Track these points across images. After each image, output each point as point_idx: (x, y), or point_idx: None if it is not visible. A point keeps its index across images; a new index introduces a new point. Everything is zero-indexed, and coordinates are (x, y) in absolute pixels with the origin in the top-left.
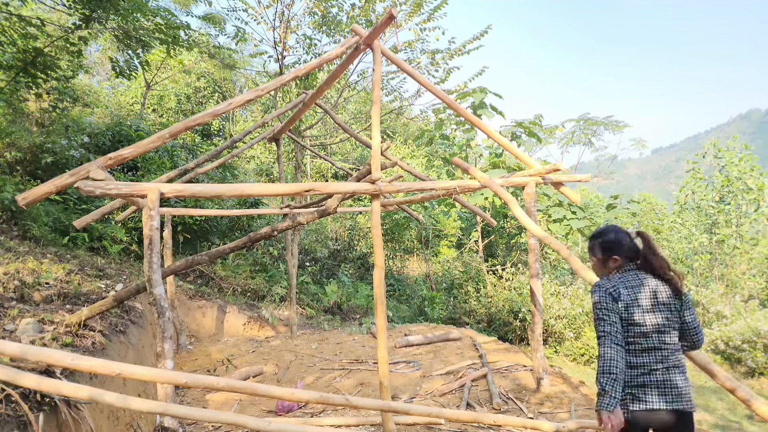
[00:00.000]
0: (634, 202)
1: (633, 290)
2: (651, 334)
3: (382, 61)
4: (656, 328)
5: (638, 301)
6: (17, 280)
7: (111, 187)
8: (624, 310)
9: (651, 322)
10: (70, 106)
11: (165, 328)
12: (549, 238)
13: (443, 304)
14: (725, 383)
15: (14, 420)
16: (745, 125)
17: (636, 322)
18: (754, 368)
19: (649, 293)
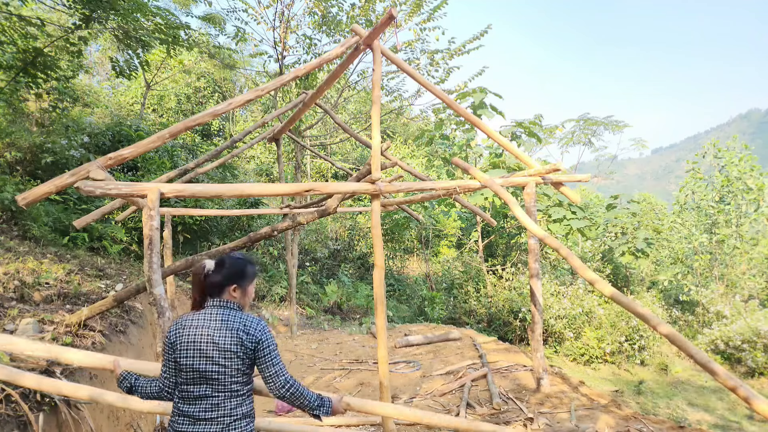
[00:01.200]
0: (634, 202)
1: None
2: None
3: (382, 61)
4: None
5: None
6: (17, 280)
7: (111, 187)
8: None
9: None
10: (70, 106)
11: (165, 328)
12: (549, 238)
13: (443, 304)
14: (726, 382)
15: (14, 420)
16: (745, 125)
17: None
18: (754, 368)
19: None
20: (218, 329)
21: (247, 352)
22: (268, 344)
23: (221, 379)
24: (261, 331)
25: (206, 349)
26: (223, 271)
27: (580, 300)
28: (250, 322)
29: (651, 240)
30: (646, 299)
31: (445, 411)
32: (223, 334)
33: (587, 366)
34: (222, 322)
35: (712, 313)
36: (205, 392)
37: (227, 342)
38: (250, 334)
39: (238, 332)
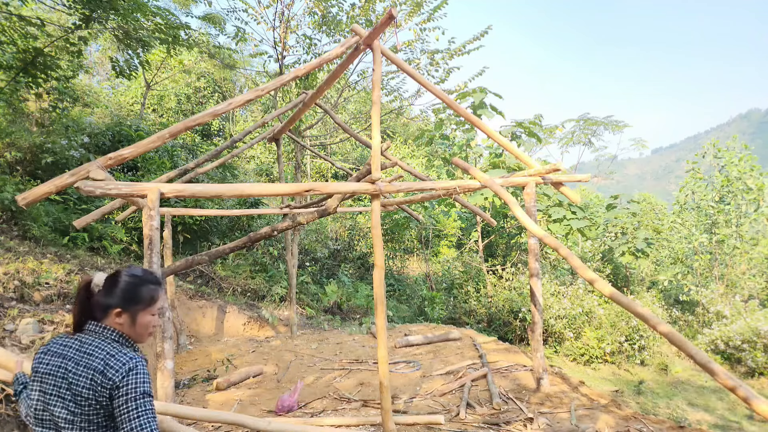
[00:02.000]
0: (634, 202)
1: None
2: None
3: (382, 61)
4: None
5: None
6: (17, 280)
7: (111, 187)
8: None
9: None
10: (70, 106)
11: (165, 328)
12: (549, 238)
13: (443, 304)
14: (726, 382)
15: (14, 420)
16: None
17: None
18: (754, 368)
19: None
20: (76, 364)
21: (101, 398)
22: (128, 391)
23: (68, 428)
24: (122, 374)
25: (58, 387)
26: (113, 288)
27: (580, 300)
28: (117, 360)
29: (651, 240)
30: (646, 299)
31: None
32: (78, 371)
33: (587, 366)
34: (83, 354)
35: (712, 313)
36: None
37: (80, 382)
38: (107, 376)
39: (94, 371)
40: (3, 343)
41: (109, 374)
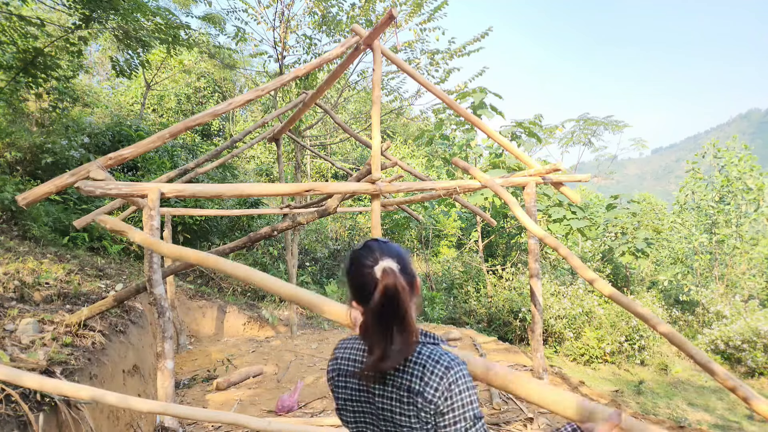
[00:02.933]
0: (634, 202)
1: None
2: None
3: (382, 61)
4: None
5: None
6: (17, 280)
7: (111, 187)
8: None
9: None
10: (70, 106)
11: (165, 328)
12: (548, 238)
13: (443, 304)
14: (726, 382)
15: (14, 420)
16: (745, 125)
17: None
18: (754, 368)
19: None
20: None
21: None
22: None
23: None
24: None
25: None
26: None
27: (580, 300)
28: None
29: (651, 240)
30: (646, 299)
31: None
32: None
33: (587, 366)
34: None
35: (712, 313)
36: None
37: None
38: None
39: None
40: (3, 344)
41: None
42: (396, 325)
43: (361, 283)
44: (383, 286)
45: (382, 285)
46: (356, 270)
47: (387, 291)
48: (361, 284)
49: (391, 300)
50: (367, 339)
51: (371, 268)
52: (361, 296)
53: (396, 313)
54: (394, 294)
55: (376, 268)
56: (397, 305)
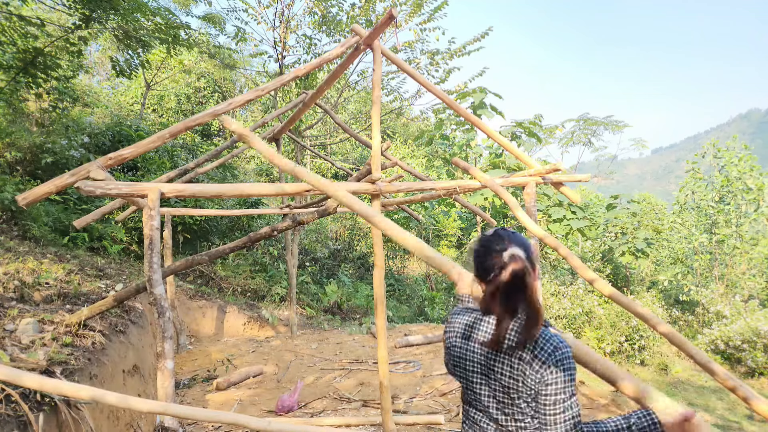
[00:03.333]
0: (634, 202)
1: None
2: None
3: (382, 61)
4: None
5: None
6: (17, 280)
7: (111, 187)
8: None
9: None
10: (70, 106)
11: (165, 328)
12: (548, 238)
13: (443, 304)
14: (726, 382)
15: (14, 420)
16: (745, 125)
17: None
18: (754, 368)
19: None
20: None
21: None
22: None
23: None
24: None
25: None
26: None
27: (580, 300)
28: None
29: (651, 240)
30: (646, 299)
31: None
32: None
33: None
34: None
35: (712, 313)
36: None
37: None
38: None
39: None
40: (3, 344)
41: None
42: (522, 303)
43: (489, 265)
44: (511, 270)
45: (511, 268)
46: (485, 253)
47: (515, 274)
48: (488, 266)
49: (517, 282)
50: (487, 313)
51: (500, 253)
52: (485, 276)
53: (523, 293)
54: (521, 277)
55: (505, 254)
56: (524, 286)
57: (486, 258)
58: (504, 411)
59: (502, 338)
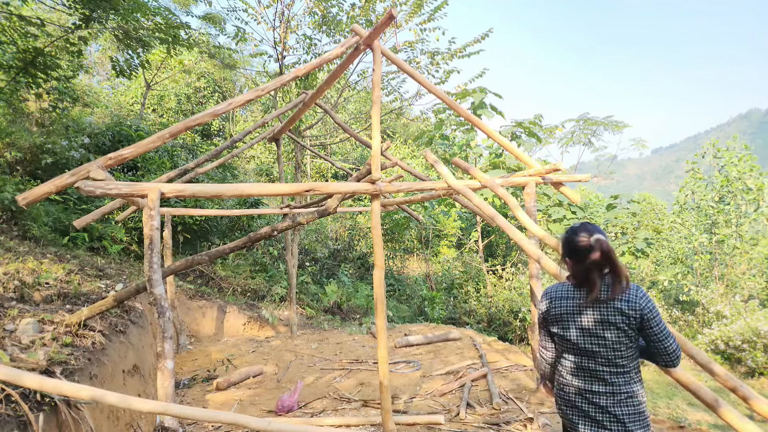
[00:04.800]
0: (634, 202)
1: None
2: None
3: (382, 62)
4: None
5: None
6: (17, 280)
7: (111, 187)
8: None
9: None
10: (70, 106)
11: (165, 328)
12: (549, 238)
13: (443, 304)
14: (726, 382)
15: (14, 420)
16: (745, 125)
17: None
18: (754, 368)
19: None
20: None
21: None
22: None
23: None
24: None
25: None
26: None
27: None
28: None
29: (651, 240)
30: None
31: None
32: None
33: None
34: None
35: (712, 313)
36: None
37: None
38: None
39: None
40: (3, 344)
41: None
42: (611, 272)
43: (580, 247)
44: (600, 247)
45: (600, 247)
46: (577, 238)
47: (603, 251)
48: (579, 248)
49: (606, 256)
50: (582, 284)
51: (588, 238)
52: (576, 256)
53: (612, 263)
54: (608, 252)
55: (593, 239)
56: (612, 258)
57: (577, 242)
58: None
59: (596, 299)
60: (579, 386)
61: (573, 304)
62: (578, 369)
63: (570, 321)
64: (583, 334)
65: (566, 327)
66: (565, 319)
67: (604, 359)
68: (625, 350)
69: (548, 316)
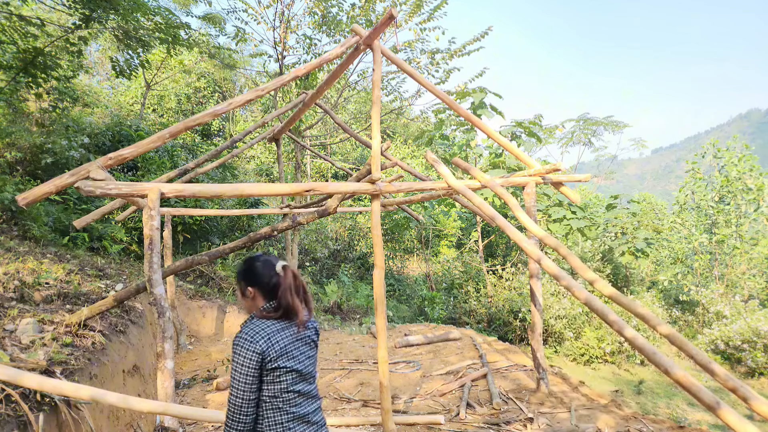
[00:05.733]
0: (634, 202)
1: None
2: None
3: (382, 61)
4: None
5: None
6: (17, 280)
7: (111, 187)
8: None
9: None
10: (70, 106)
11: (165, 328)
12: (548, 238)
13: (443, 304)
14: (726, 382)
15: (14, 420)
16: (745, 125)
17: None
18: (754, 368)
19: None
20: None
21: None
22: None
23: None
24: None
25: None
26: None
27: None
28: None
29: (651, 240)
30: (646, 299)
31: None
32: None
33: (587, 366)
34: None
35: (712, 313)
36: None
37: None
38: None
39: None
40: (3, 344)
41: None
42: (305, 298)
43: (272, 279)
44: (292, 272)
45: (291, 271)
46: (267, 269)
47: (294, 274)
48: (272, 280)
49: (297, 277)
50: (287, 313)
51: (273, 267)
52: (273, 286)
53: (304, 289)
54: (297, 274)
55: (279, 266)
56: (301, 279)
57: (267, 271)
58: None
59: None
60: (305, 414)
61: (288, 333)
62: (301, 396)
63: (292, 350)
64: (304, 358)
65: (291, 357)
66: (289, 350)
67: (313, 377)
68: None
69: (269, 354)
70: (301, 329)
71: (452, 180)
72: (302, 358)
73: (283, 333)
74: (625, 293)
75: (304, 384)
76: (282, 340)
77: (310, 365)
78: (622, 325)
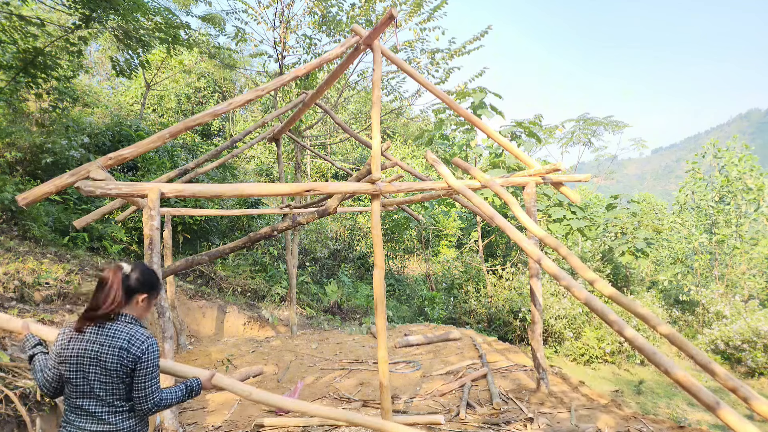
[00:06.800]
0: (634, 202)
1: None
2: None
3: (382, 61)
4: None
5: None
6: (17, 280)
7: (111, 187)
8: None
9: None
10: (70, 106)
11: (165, 328)
12: (548, 238)
13: (443, 304)
14: (727, 382)
15: (14, 420)
16: (745, 125)
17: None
18: (754, 368)
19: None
20: (101, 345)
21: (126, 371)
22: (147, 364)
23: (103, 396)
24: (143, 349)
25: (93, 365)
26: (141, 276)
27: None
28: (136, 338)
29: (651, 240)
30: (646, 299)
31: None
32: (106, 351)
33: (587, 366)
34: (107, 337)
35: (712, 313)
36: (89, 406)
37: (108, 359)
38: (131, 352)
39: (120, 350)
40: (3, 344)
41: (133, 350)
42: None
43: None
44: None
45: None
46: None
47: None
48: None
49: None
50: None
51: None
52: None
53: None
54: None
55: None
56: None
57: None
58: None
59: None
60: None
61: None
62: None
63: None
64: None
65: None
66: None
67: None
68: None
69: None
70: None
71: (452, 180)
72: None
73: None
74: (625, 293)
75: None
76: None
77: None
78: (622, 325)
